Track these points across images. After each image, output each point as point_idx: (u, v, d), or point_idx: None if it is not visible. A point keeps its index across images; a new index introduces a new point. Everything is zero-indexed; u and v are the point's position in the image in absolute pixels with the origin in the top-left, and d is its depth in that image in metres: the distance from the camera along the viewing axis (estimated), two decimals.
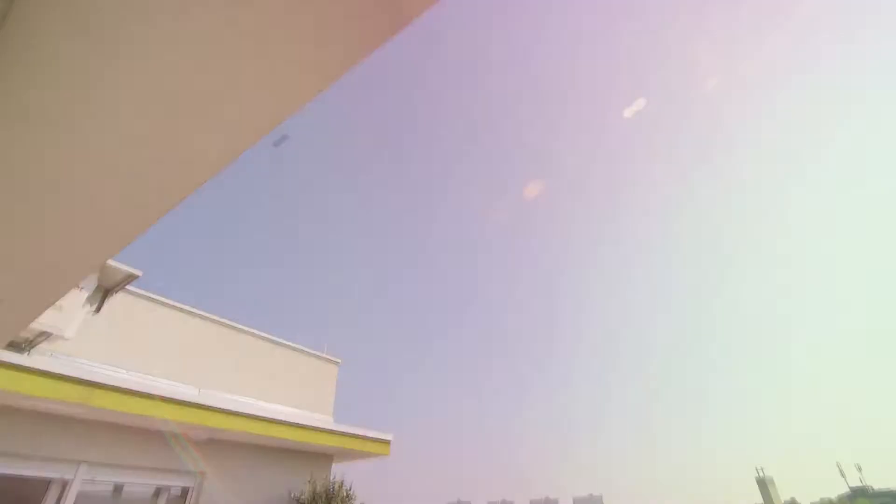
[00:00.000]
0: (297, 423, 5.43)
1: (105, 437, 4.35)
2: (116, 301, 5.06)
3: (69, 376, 3.82)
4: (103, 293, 4.97)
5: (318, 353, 7.08)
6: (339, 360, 7.36)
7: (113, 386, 4.03)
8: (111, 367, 4.67)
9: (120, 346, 4.89)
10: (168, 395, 4.35)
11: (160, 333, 5.29)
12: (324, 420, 6.29)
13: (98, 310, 4.84)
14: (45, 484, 4.06)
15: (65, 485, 4.09)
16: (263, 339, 6.49)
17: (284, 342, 6.69)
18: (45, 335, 4.30)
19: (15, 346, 4.24)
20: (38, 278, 2.18)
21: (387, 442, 6.43)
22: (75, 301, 4.31)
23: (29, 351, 4.30)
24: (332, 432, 5.83)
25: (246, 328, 6.30)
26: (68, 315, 4.21)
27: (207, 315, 5.95)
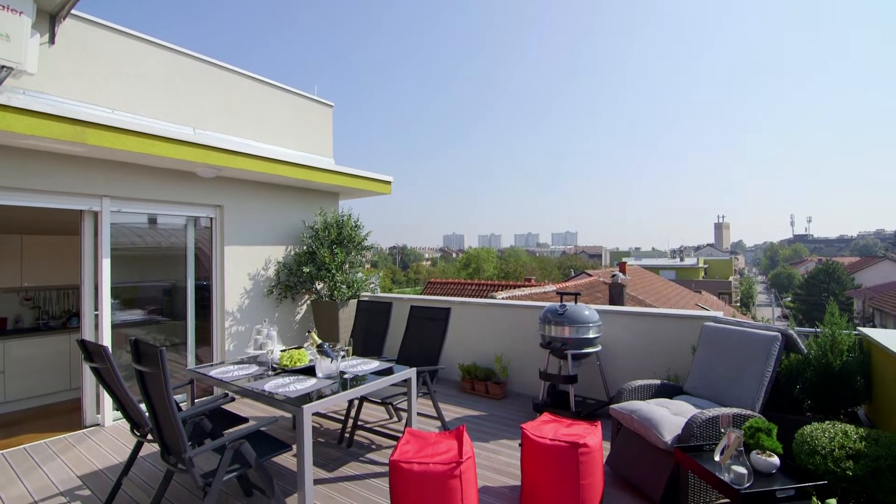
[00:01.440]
0: (302, 164, 5.62)
1: (119, 175, 4.55)
2: (76, 33, 4.45)
3: (60, 116, 3.69)
4: (49, 20, 4.33)
5: (309, 96, 6.72)
6: (331, 104, 7.07)
7: (106, 125, 3.96)
8: (96, 107, 4.47)
9: (94, 85, 4.55)
10: (165, 134, 4.33)
11: (136, 70, 4.85)
12: (326, 162, 6.49)
13: (52, 40, 4.30)
14: (78, 214, 4.49)
15: (96, 215, 4.52)
16: (252, 78, 6.01)
17: (274, 83, 6.25)
18: (6, 70, 3.95)
19: None
20: None
21: (388, 182, 6.84)
22: (20, 28, 3.77)
23: None
24: (335, 172, 6.11)
25: (233, 67, 5.75)
26: (18, 45, 3.74)
27: (187, 51, 5.32)
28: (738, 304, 42.50)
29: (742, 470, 2.22)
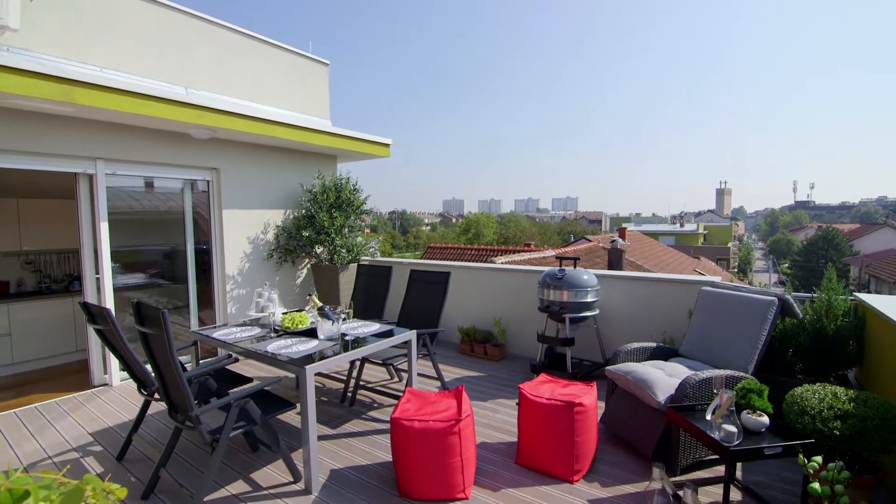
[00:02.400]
0: (298, 125, 5.49)
1: (113, 137, 4.45)
2: None
3: (47, 74, 3.55)
4: None
5: (304, 53, 6.49)
6: (327, 62, 6.83)
7: (96, 84, 3.83)
8: (85, 65, 4.31)
9: (81, 42, 4.37)
10: (157, 94, 4.20)
11: (124, 26, 4.65)
12: (323, 123, 6.35)
13: None
14: (73, 177, 4.43)
15: (91, 178, 4.45)
16: (246, 35, 5.76)
17: (268, 39, 6.00)
18: None
19: None
20: None
21: (386, 145, 6.72)
22: None
23: None
24: (333, 134, 5.98)
25: (225, 23, 5.50)
26: None
27: (178, 6, 5.05)
28: (736, 270, 42.79)
29: (732, 428, 2.29)
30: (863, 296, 3.51)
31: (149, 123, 4.51)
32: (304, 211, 6.02)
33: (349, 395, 4.12)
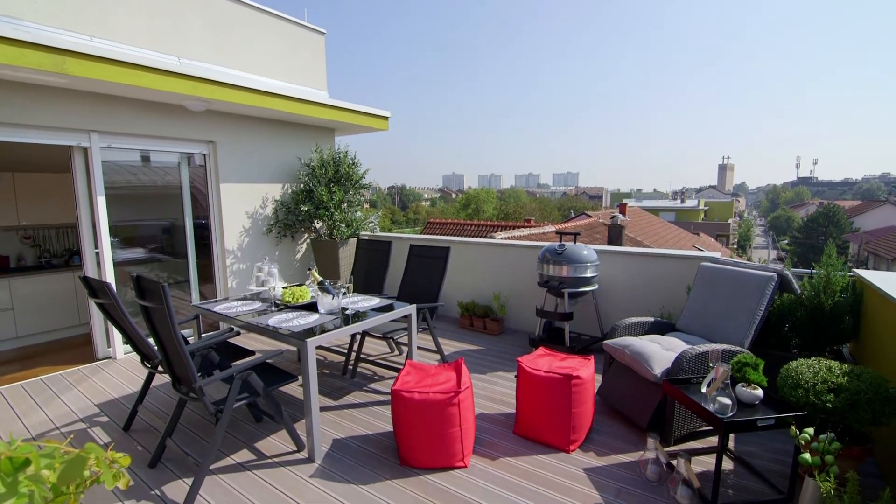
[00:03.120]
0: (294, 97, 5.38)
1: (107, 109, 4.36)
2: None
3: (37, 43, 3.45)
4: None
5: (299, 21, 6.30)
6: (323, 31, 6.64)
7: (87, 54, 3.72)
8: (74, 33, 4.18)
9: (69, 9, 4.23)
10: (149, 64, 4.09)
11: None
12: (320, 95, 6.22)
13: None
14: (68, 150, 4.36)
15: (86, 151, 4.39)
16: (237, 1, 5.56)
17: (260, 6, 5.81)
18: None
19: None
20: None
21: (385, 117, 6.60)
22: None
23: None
24: (330, 106, 5.87)
25: None
26: None
27: None
28: (735, 247, 42.80)
29: (727, 401, 2.33)
30: (861, 272, 3.51)
31: (143, 95, 4.42)
32: (302, 185, 5.97)
33: (350, 367, 4.18)
